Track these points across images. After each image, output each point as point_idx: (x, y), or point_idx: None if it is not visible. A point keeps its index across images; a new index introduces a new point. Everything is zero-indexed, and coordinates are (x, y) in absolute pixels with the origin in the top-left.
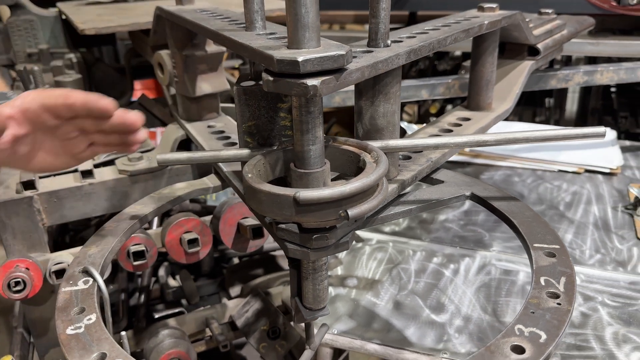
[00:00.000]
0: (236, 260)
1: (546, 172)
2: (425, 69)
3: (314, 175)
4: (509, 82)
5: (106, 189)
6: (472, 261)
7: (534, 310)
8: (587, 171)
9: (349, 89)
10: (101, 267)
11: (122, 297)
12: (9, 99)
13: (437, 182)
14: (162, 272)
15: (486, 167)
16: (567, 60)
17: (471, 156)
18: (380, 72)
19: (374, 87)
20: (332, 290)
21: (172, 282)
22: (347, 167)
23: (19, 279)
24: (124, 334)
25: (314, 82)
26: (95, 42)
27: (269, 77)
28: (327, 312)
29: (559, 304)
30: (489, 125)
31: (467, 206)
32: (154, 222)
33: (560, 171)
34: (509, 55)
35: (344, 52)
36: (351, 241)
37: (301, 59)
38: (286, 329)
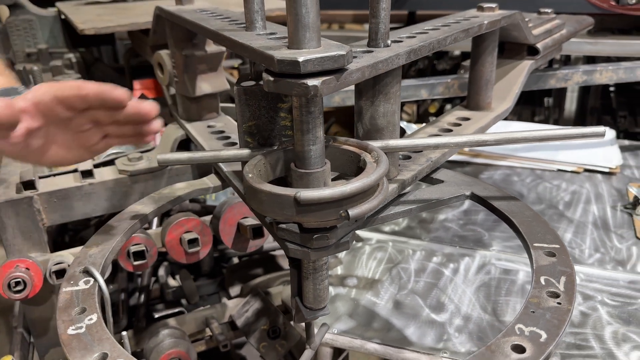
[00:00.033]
0: (236, 259)
1: (545, 171)
2: (424, 68)
3: (314, 175)
4: (508, 81)
5: (106, 189)
6: (471, 260)
7: (534, 309)
8: (586, 170)
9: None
10: (102, 267)
11: (122, 297)
12: (20, 93)
13: (437, 182)
14: (161, 271)
15: (485, 167)
16: (566, 59)
17: (470, 155)
18: (380, 72)
19: (374, 87)
20: (332, 289)
21: (172, 281)
22: (348, 167)
23: (19, 279)
24: (125, 334)
25: (315, 82)
26: (94, 41)
27: (270, 77)
28: (327, 311)
29: (559, 304)
30: (489, 124)
31: (466, 205)
32: (154, 222)
33: (559, 170)
34: (509, 54)
35: (344, 53)
36: (352, 241)
37: (302, 59)
38: (286, 329)
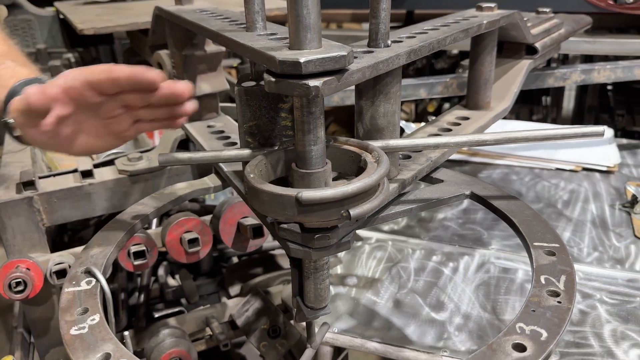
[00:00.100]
0: (235, 259)
1: (544, 170)
2: (422, 67)
3: (315, 175)
4: (507, 81)
5: (106, 189)
6: (471, 259)
7: (535, 308)
8: (584, 169)
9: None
10: (103, 267)
11: (121, 296)
12: (44, 83)
13: (437, 181)
14: (161, 271)
15: (484, 166)
16: (563, 58)
17: (469, 154)
18: (380, 73)
19: (374, 87)
20: (332, 289)
21: (172, 281)
22: (348, 167)
23: (19, 280)
24: (126, 333)
25: (316, 82)
26: (92, 41)
27: (271, 78)
28: (328, 311)
29: (559, 302)
30: (488, 124)
31: (465, 204)
32: (153, 222)
33: (557, 169)
34: (507, 54)
35: (345, 53)
36: (352, 241)
37: (303, 59)
38: (286, 328)
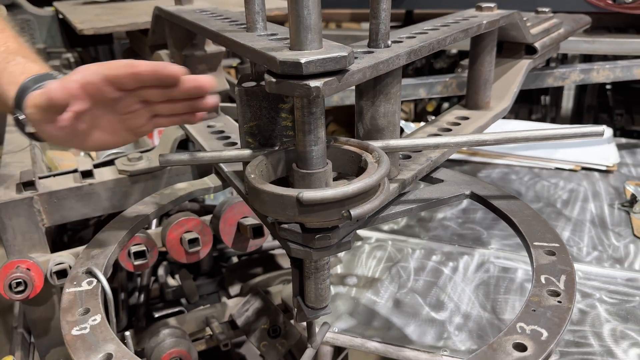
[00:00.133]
0: (235, 259)
1: (543, 169)
2: (421, 67)
3: (316, 175)
4: (506, 80)
5: (106, 189)
6: (470, 259)
7: (535, 308)
8: (583, 169)
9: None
10: (104, 267)
11: (121, 296)
12: (56, 78)
13: (437, 181)
14: (161, 271)
15: (483, 165)
16: (562, 58)
17: (468, 154)
18: (381, 73)
19: (374, 88)
20: (332, 288)
21: (172, 281)
22: (349, 167)
23: (20, 280)
24: (127, 333)
25: (317, 83)
26: (91, 41)
27: (272, 79)
28: (329, 310)
29: (559, 302)
30: (488, 124)
31: (464, 204)
32: (153, 222)
33: (557, 169)
34: (507, 54)
35: (346, 54)
36: (353, 241)
37: (304, 60)
38: (286, 328)
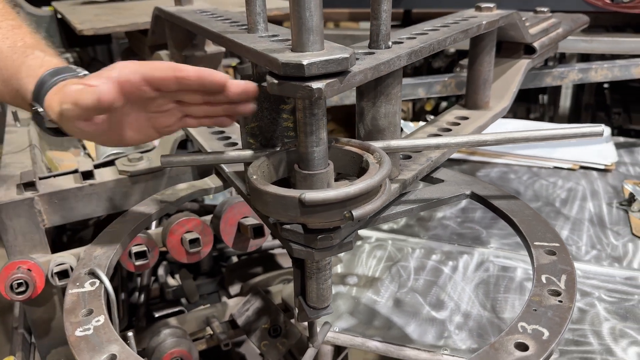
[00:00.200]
0: (235, 258)
1: (542, 169)
2: (420, 66)
3: (318, 176)
4: (505, 80)
5: (106, 190)
6: (470, 258)
7: (536, 307)
8: (582, 168)
9: None
10: (107, 268)
11: (122, 296)
12: (78, 73)
13: (437, 181)
14: (161, 271)
15: (482, 165)
16: (560, 57)
17: (467, 153)
18: (382, 74)
19: (375, 88)
20: (333, 288)
21: (172, 281)
22: (350, 167)
23: (21, 280)
24: (130, 334)
25: (319, 84)
26: (90, 41)
27: (274, 80)
28: (330, 310)
29: (560, 302)
30: (487, 123)
31: (464, 204)
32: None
33: (555, 168)
34: (506, 53)
35: (347, 55)
36: (355, 241)
37: (306, 62)
38: (287, 327)
